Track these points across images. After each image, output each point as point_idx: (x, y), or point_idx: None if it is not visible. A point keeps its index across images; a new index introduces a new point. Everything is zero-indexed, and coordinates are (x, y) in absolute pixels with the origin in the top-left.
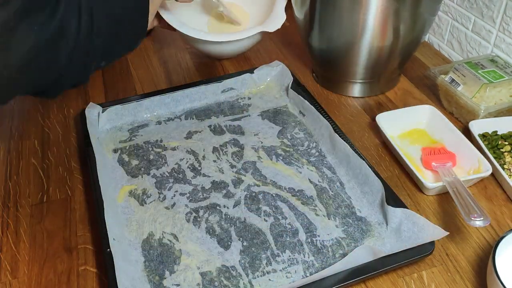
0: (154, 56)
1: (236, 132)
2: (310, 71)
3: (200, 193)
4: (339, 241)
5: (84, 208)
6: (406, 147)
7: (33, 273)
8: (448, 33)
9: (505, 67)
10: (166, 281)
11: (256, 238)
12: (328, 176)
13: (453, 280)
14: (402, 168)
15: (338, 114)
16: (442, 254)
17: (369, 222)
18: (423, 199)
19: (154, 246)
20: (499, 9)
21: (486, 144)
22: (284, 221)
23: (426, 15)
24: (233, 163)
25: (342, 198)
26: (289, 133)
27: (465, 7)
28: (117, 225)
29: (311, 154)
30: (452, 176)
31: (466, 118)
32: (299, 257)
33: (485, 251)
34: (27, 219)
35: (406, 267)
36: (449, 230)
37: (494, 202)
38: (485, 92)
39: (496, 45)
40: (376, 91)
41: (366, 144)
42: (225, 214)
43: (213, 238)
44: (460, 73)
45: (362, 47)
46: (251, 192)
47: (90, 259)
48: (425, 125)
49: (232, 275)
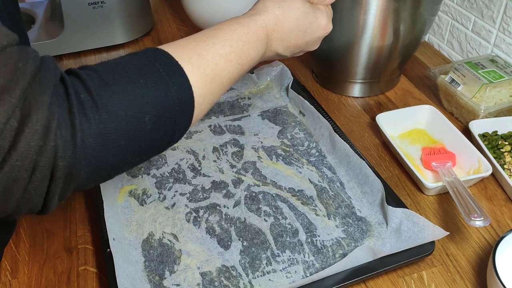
0: None
1: (236, 132)
2: (310, 71)
3: (200, 193)
4: (339, 241)
5: (84, 208)
6: (406, 147)
7: (33, 273)
8: (448, 33)
9: (505, 67)
10: (166, 281)
11: (256, 238)
12: (328, 176)
13: (453, 280)
14: (402, 168)
15: (338, 114)
16: (442, 254)
17: (369, 222)
18: (423, 199)
19: (154, 246)
20: (499, 9)
21: (486, 144)
22: (284, 221)
23: (426, 15)
24: (233, 163)
25: (342, 198)
26: (289, 133)
27: (465, 7)
28: (117, 225)
29: (311, 154)
30: (452, 176)
31: (466, 118)
32: (299, 257)
33: (485, 251)
34: (27, 219)
35: (406, 267)
36: (449, 230)
37: (494, 202)
38: (485, 92)
39: (496, 45)
40: (376, 91)
41: (366, 144)
42: (225, 214)
43: (213, 238)
44: (460, 73)
45: (362, 48)
46: (251, 192)
47: (90, 259)
48: (425, 125)
49: (232, 275)
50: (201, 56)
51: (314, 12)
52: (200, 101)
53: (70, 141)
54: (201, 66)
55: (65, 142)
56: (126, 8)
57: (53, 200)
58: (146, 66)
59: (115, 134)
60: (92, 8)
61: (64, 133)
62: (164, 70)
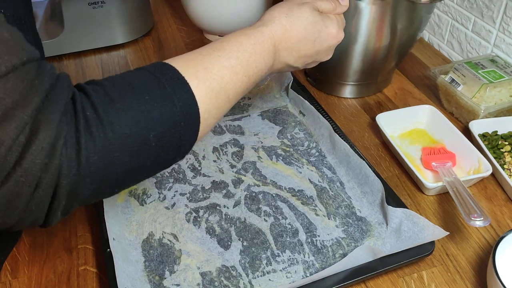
0: (154, 56)
1: (236, 132)
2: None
3: (200, 193)
4: (339, 241)
5: (84, 208)
6: (406, 147)
7: (33, 273)
8: (448, 33)
9: (505, 67)
10: (166, 281)
11: (256, 238)
12: (328, 176)
13: (453, 280)
14: (402, 168)
15: (338, 114)
16: (442, 254)
17: (369, 222)
18: (423, 199)
19: (154, 246)
20: (499, 9)
21: (486, 144)
22: (284, 221)
23: (422, 13)
24: (233, 163)
25: (342, 198)
26: (289, 133)
27: (465, 7)
28: (117, 225)
29: (311, 154)
30: (452, 176)
31: (466, 118)
32: (299, 257)
33: (485, 251)
34: None
35: (406, 267)
36: (449, 230)
37: (494, 202)
38: (485, 92)
39: (496, 45)
40: (373, 91)
41: (366, 144)
42: (225, 214)
43: (213, 238)
44: (460, 73)
45: (357, 51)
46: (251, 192)
47: (90, 259)
48: (425, 125)
49: (232, 275)
50: (207, 70)
51: (324, 21)
52: (206, 116)
53: (75, 159)
54: (206, 81)
55: (70, 160)
56: (126, 8)
57: (55, 215)
58: (152, 82)
59: (120, 151)
60: (92, 8)
61: (69, 152)
62: (169, 86)
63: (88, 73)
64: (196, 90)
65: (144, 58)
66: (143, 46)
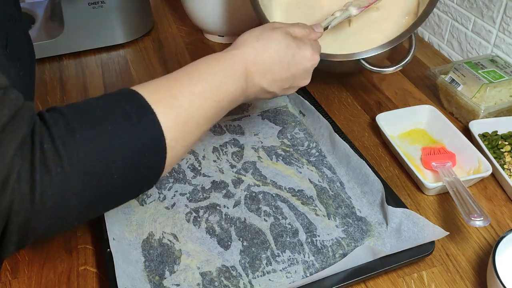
0: (154, 56)
1: (236, 132)
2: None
3: (200, 193)
4: (339, 241)
5: None
6: (406, 147)
7: (33, 273)
8: (448, 33)
9: (505, 67)
10: (166, 281)
11: (256, 238)
12: (328, 176)
13: (453, 280)
14: (402, 168)
15: (338, 114)
16: (442, 254)
17: (369, 222)
18: (423, 199)
19: (154, 246)
20: (499, 9)
21: (486, 144)
22: (284, 221)
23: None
24: (233, 163)
25: (342, 198)
26: (289, 133)
27: (465, 7)
28: (117, 225)
29: (311, 154)
30: (452, 176)
31: (466, 118)
32: (299, 257)
33: (485, 251)
34: None
35: (406, 267)
36: (449, 230)
37: (494, 202)
38: (485, 92)
39: (496, 45)
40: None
41: (366, 144)
42: (225, 214)
43: (213, 238)
44: (460, 73)
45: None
46: (251, 192)
47: (90, 259)
48: (425, 125)
49: (232, 275)
50: (175, 97)
51: (297, 44)
52: (173, 144)
53: (27, 195)
54: (174, 108)
55: (22, 196)
56: (126, 8)
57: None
58: (116, 110)
59: (78, 187)
60: (92, 8)
61: (22, 187)
62: (134, 115)
63: (88, 73)
64: (163, 118)
65: (144, 58)
66: (143, 46)
